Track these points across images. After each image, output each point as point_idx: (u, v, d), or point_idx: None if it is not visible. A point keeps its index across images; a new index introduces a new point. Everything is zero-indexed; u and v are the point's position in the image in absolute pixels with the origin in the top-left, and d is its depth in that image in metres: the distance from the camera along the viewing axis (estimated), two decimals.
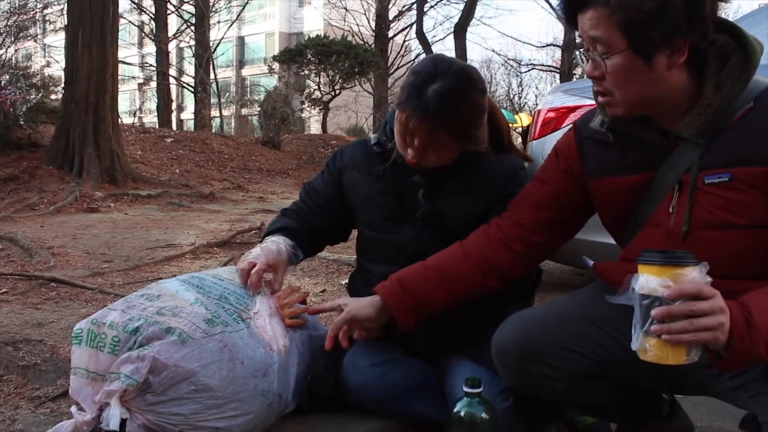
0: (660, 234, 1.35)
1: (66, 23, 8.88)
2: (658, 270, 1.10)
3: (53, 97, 10.83)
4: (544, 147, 3.16)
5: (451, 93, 1.56)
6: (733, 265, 1.26)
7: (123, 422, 1.41)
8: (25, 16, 14.52)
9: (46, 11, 18.80)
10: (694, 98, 1.29)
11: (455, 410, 1.38)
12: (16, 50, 15.06)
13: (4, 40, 13.20)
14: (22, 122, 8.93)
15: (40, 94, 10.04)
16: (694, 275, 1.09)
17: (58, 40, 18.01)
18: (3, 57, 12.75)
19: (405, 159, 1.66)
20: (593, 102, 1.44)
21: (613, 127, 1.40)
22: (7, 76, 10.05)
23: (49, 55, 22.49)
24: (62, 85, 9.31)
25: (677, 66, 1.26)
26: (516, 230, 1.54)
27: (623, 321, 1.17)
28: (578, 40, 1.37)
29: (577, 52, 1.36)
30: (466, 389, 1.38)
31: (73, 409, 1.48)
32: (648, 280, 1.10)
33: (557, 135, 3.16)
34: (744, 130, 1.26)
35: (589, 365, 1.40)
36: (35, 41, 19.53)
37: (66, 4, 9.09)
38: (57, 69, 15.91)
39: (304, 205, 1.88)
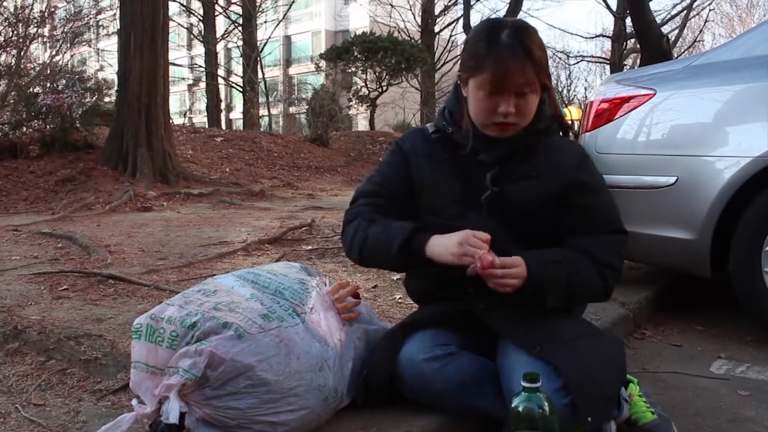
0: None
1: (118, 28, 9.06)
2: None
3: (107, 99, 11.10)
4: (596, 139, 3.08)
5: (523, 29, 1.62)
6: None
7: (182, 415, 1.43)
8: (79, 23, 14.88)
9: (99, 17, 19.26)
10: None
11: (513, 405, 1.36)
12: (71, 56, 15.44)
13: (60, 46, 13.57)
14: (78, 125, 9.15)
15: (94, 97, 10.29)
16: None
17: (111, 45, 18.44)
18: (60, 62, 13.11)
19: (486, 133, 1.66)
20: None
21: None
22: (64, 81, 10.33)
23: (102, 59, 23.08)
24: (115, 88, 9.53)
25: None
26: None
27: None
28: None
29: None
30: (524, 384, 1.35)
31: (134, 402, 1.51)
32: None
33: (610, 126, 3.08)
34: None
35: None
36: (89, 46, 20.00)
37: (118, 9, 9.27)
38: (110, 72, 16.32)
39: (380, 199, 1.77)
